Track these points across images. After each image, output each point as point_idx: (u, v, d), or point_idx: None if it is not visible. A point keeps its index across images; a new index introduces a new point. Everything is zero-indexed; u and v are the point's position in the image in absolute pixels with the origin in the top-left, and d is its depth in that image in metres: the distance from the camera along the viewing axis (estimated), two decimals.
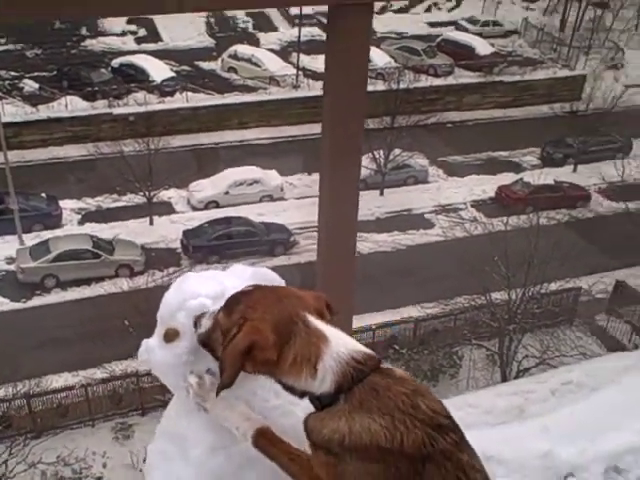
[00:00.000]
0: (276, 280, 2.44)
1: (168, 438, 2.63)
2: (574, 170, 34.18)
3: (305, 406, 2.08)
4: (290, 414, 2.39)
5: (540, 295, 22.15)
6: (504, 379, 20.82)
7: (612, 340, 22.38)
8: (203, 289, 2.40)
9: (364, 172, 31.99)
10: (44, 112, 32.81)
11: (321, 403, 1.93)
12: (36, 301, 25.00)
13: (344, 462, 1.87)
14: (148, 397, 20.44)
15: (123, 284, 24.81)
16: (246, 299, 2.03)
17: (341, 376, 1.88)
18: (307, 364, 1.91)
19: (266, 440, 2.14)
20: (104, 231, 27.81)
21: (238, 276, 2.50)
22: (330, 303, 2.11)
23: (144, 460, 17.96)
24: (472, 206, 30.92)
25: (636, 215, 27.59)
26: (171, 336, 2.40)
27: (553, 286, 22.70)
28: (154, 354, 2.47)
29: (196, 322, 2.19)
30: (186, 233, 27.69)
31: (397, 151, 31.04)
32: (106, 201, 29.86)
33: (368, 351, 1.95)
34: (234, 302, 2.05)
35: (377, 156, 30.98)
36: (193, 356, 2.40)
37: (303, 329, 1.93)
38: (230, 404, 2.24)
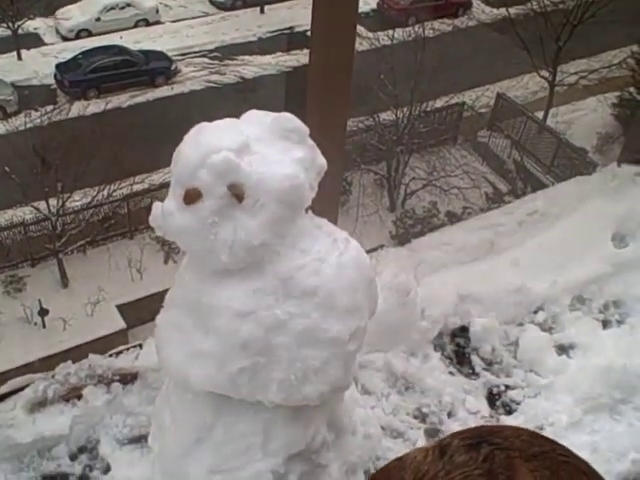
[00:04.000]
0: (298, 127, 2.25)
1: (182, 308, 2.47)
2: None
3: (333, 262, 1.95)
4: (318, 272, 2.26)
5: (426, 113, 22.26)
6: (392, 203, 21.40)
7: (493, 156, 22.86)
8: (224, 141, 2.19)
9: None
10: None
11: None
12: None
13: None
14: (37, 247, 19.82)
15: None
16: None
17: None
18: None
19: None
20: None
21: (257, 123, 2.31)
22: None
23: (38, 312, 17.84)
24: None
25: (517, 21, 27.47)
26: (193, 197, 2.21)
27: (438, 103, 22.83)
28: (173, 218, 2.26)
29: None
30: (60, 67, 25.97)
31: None
32: None
33: None
34: None
35: None
36: (218, 217, 2.22)
37: None
38: None
